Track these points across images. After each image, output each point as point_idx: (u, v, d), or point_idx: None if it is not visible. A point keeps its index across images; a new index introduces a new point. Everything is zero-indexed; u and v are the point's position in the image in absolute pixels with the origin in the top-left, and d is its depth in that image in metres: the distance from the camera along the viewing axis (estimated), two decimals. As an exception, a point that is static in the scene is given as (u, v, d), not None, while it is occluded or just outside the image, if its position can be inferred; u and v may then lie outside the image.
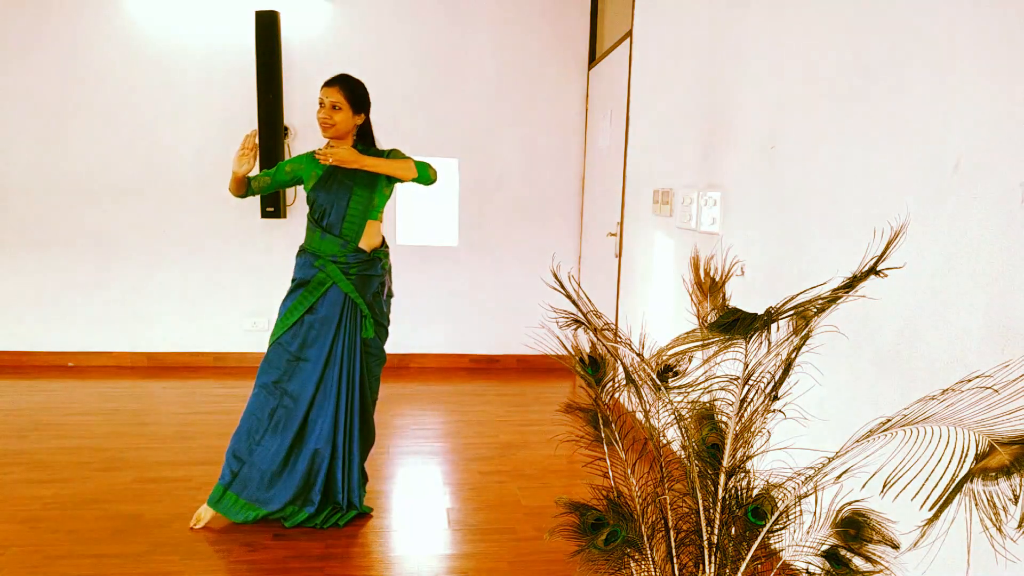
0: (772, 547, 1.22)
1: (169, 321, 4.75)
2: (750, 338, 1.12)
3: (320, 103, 2.57)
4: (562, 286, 1.29)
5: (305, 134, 4.64)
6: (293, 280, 2.67)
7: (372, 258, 2.65)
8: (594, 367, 1.37)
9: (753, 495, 1.22)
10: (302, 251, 2.68)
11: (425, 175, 2.62)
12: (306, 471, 2.60)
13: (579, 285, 1.30)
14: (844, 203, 2.00)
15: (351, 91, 2.59)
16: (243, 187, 2.61)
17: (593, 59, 4.80)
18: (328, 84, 2.58)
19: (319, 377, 2.61)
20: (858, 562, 1.12)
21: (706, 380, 1.21)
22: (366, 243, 2.64)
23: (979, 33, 1.54)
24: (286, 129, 4.57)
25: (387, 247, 2.75)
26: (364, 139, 2.69)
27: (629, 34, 3.85)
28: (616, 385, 1.33)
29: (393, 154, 2.64)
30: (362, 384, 2.68)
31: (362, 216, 2.61)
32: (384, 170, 2.58)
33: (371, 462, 3.01)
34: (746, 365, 1.16)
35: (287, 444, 2.58)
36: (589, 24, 4.82)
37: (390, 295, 2.77)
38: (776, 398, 1.18)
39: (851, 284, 1.07)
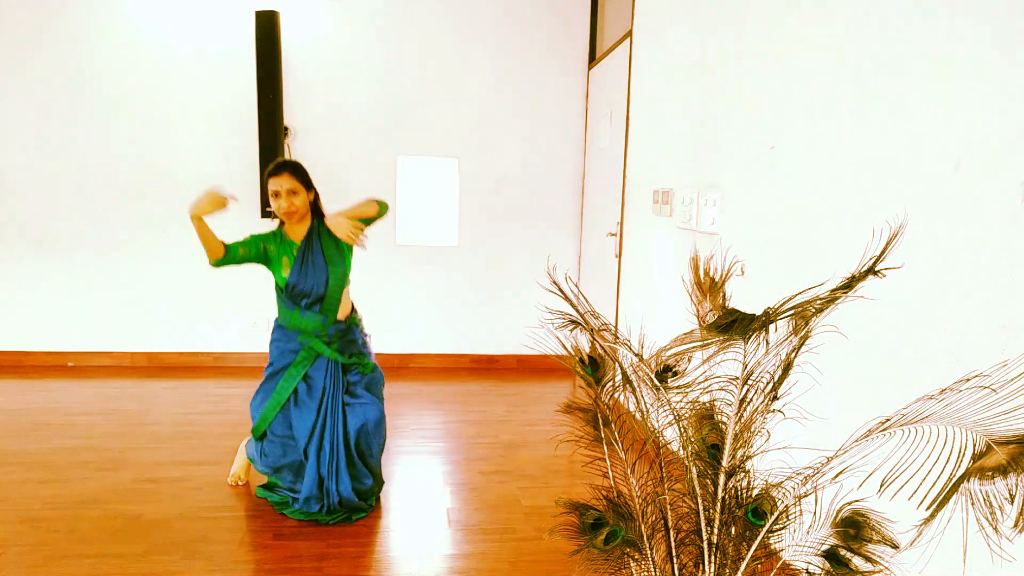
0: (772, 547, 1.22)
1: (169, 321, 4.75)
2: (749, 338, 1.12)
3: (275, 194, 2.59)
4: (559, 288, 1.29)
5: (305, 134, 4.64)
6: (271, 364, 2.73)
7: (349, 326, 2.76)
8: (594, 367, 1.37)
9: (753, 495, 1.22)
10: (279, 327, 2.75)
11: (384, 207, 2.71)
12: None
13: (577, 286, 1.30)
14: (844, 203, 2.01)
15: (300, 173, 2.64)
16: (220, 251, 2.61)
17: (593, 59, 4.80)
18: (275, 174, 2.60)
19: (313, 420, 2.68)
20: (858, 562, 1.12)
21: (705, 380, 1.22)
22: (341, 312, 2.74)
23: (978, 33, 1.54)
24: (286, 129, 4.58)
25: (356, 310, 2.85)
26: (316, 213, 2.75)
27: (629, 34, 3.85)
28: (615, 385, 1.33)
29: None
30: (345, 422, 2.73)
31: (339, 290, 2.69)
32: (366, 213, 2.63)
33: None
34: (745, 365, 1.16)
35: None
36: (589, 24, 4.82)
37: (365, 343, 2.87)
38: (775, 398, 1.18)
39: (850, 284, 1.07)
